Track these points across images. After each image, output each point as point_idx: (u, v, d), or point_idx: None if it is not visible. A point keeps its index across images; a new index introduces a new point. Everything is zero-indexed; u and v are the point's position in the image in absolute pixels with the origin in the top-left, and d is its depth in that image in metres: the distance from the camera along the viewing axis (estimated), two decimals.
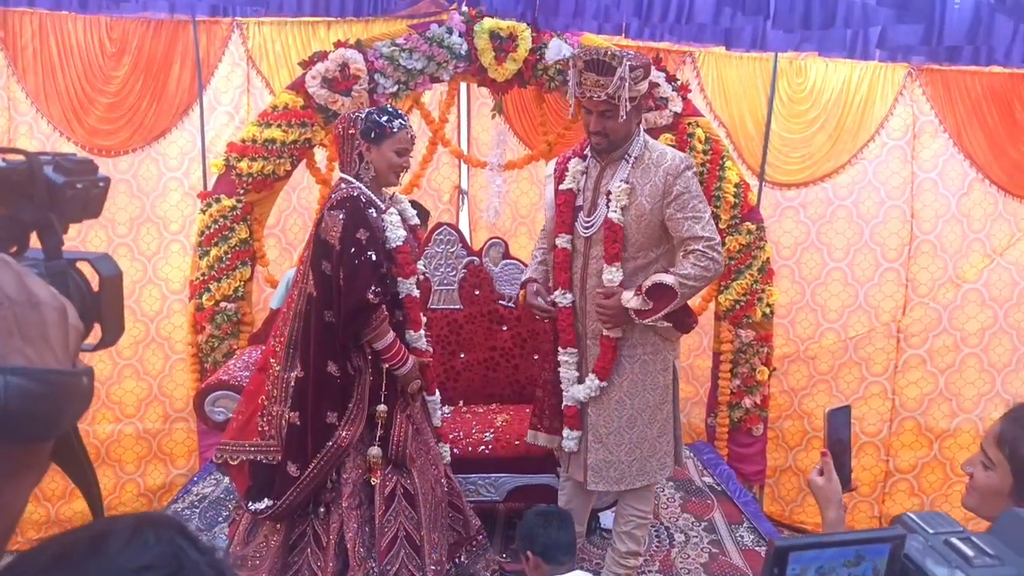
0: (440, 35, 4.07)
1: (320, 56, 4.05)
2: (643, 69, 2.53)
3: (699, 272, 2.55)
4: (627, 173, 2.63)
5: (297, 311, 2.68)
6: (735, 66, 4.84)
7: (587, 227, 2.70)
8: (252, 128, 4.08)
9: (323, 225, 2.59)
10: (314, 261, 2.60)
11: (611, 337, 2.67)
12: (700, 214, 2.58)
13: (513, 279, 3.79)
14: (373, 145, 2.62)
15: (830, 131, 4.94)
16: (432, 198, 5.24)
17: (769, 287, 4.40)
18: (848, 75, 4.87)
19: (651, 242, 2.64)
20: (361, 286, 2.52)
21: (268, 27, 4.69)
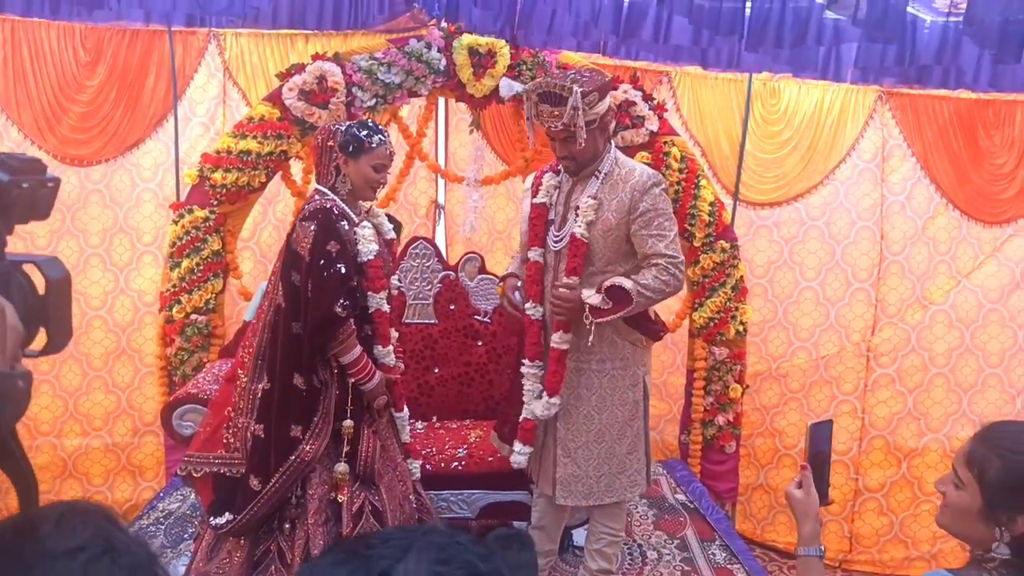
0: (419, 50, 4.05)
1: (298, 68, 4.01)
2: (597, 92, 2.54)
3: (658, 285, 2.55)
4: (596, 189, 2.64)
5: (266, 322, 2.63)
6: (711, 87, 4.86)
7: (557, 241, 2.71)
8: (227, 139, 4.02)
9: (294, 235, 2.56)
10: (284, 272, 2.56)
11: (558, 349, 2.66)
12: (665, 232, 2.58)
13: (489, 294, 3.76)
14: (351, 159, 2.60)
15: (803, 152, 4.98)
16: (409, 212, 5.20)
17: (743, 305, 4.38)
18: (820, 97, 4.92)
19: (619, 256, 2.64)
20: (329, 298, 2.48)
21: (246, 39, 4.64)
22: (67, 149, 4.62)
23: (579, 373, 2.71)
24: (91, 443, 4.80)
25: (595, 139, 2.60)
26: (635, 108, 4.21)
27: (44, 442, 4.74)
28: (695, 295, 4.33)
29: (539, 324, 2.75)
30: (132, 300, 4.78)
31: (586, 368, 2.69)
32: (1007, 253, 5.07)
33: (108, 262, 4.76)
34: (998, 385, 5.16)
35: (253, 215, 4.72)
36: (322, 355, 2.54)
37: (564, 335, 2.68)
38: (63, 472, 4.80)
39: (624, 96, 4.16)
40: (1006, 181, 5.00)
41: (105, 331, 4.76)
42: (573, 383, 2.72)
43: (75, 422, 4.80)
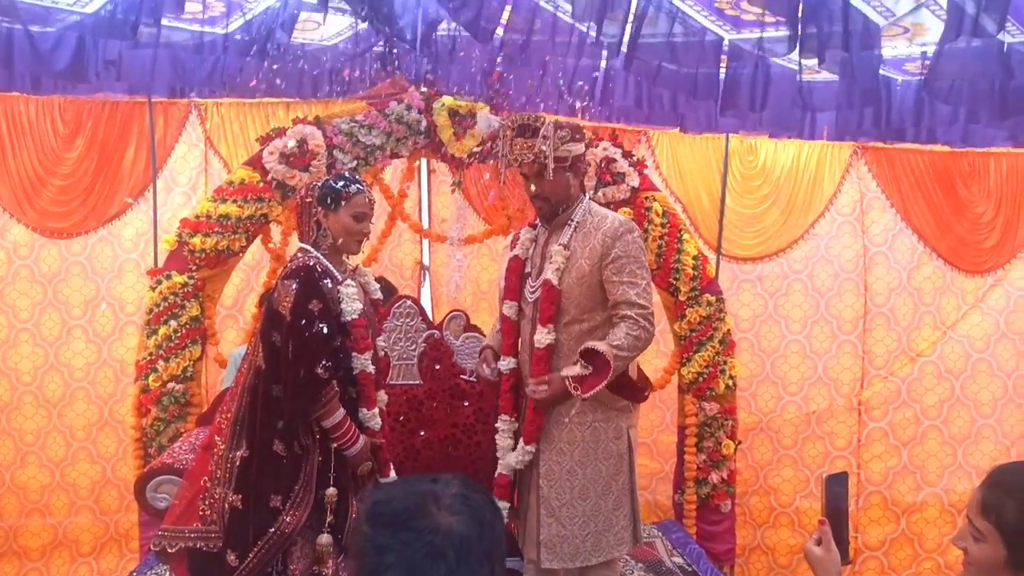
0: (399, 112, 4.03)
1: (278, 132, 3.98)
2: (571, 131, 2.56)
3: (631, 342, 2.51)
4: (568, 237, 2.62)
5: (246, 385, 2.51)
6: (688, 145, 4.86)
7: (533, 292, 2.68)
8: (206, 204, 3.95)
9: (275, 295, 2.47)
10: (264, 332, 2.46)
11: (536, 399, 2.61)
12: (637, 280, 2.55)
13: (475, 352, 3.64)
14: (330, 211, 2.54)
15: (782, 207, 4.96)
16: (394, 274, 5.12)
17: (731, 359, 4.27)
18: (797, 153, 4.93)
19: (595, 304, 2.60)
20: (311, 359, 2.38)
21: (227, 108, 4.61)
22: (47, 222, 4.54)
23: (559, 426, 2.61)
24: (78, 513, 4.70)
25: (566, 179, 2.61)
26: (615, 165, 4.18)
27: (33, 510, 4.64)
28: (683, 350, 4.22)
29: (509, 378, 2.70)
30: (115, 371, 4.69)
31: (567, 421, 2.61)
32: (989, 303, 5.03)
33: (91, 333, 4.68)
34: (992, 436, 5.04)
35: (236, 283, 4.64)
36: (304, 419, 2.42)
37: (540, 385, 2.60)
38: (53, 541, 4.68)
39: (604, 153, 4.14)
40: (987, 230, 4.99)
41: (88, 402, 4.68)
42: (554, 437, 2.62)
43: (62, 492, 4.69)
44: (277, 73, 3.94)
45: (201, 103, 4.59)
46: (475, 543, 1.06)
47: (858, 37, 2.74)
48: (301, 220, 2.59)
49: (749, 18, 2.95)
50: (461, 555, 1.05)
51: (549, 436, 2.63)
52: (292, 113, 4.47)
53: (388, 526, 1.07)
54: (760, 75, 3.29)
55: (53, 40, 3.39)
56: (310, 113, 4.32)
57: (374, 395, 2.58)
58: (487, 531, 1.09)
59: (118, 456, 4.68)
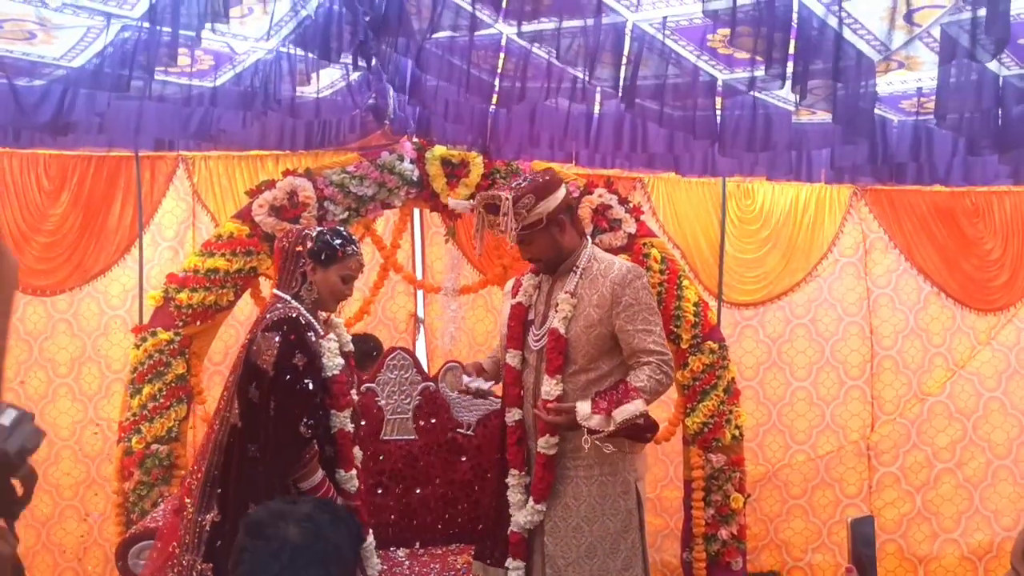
0: (391, 162, 3.99)
1: (268, 184, 3.93)
2: (532, 194, 2.57)
3: (654, 386, 2.51)
4: (574, 284, 2.61)
5: (217, 443, 2.40)
6: (684, 190, 4.81)
7: (538, 340, 2.65)
8: (194, 258, 3.89)
9: (255, 348, 2.38)
10: (241, 387, 2.38)
11: (545, 454, 2.57)
12: (651, 327, 2.54)
13: (472, 405, 3.58)
14: (320, 267, 2.50)
15: (783, 250, 4.89)
16: (388, 327, 5.04)
17: (736, 408, 4.14)
18: (795, 195, 4.87)
19: (602, 353, 2.57)
20: (293, 417, 2.31)
21: (215, 161, 4.56)
22: (32, 280, 4.45)
23: (565, 480, 2.56)
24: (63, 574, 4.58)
25: (550, 237, 2.61)
26: (611, 211, 4.13)
27: None
28: (686, 399, 4.10)
29: (519, 430, 2.64)
30: (101, 429, 4.58)
31: (572, 475, 2.57)
32: (1000, 339, 4.92)
33: (77, 392, 4.58)
34: (1009, 478, 4.88)
35: (225, 339, 4.53)
36: (282, 480, 2.32)
37: (551, 439, 2.55)
38: None
39: (600, 200, 4.10)
40: (996, 267, 4.90)
41: (74, 461, 4.57)
42: (559, 492, 2.56)
43: (47, 553, 4.56)
44: (267, 125, 3.88)
45: (189, 156, 4.56)
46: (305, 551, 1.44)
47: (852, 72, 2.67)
48: (285, 268, 2.54)
49: (743, 56, 2.89)
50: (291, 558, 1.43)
51: (554, 491, 2.57)
52: (281, 165, 4.44)
53: (249, 533, 1.48)
54: (759, 115, 3.23)
55: (39, 94, 3.34)
56: (300, 165, 4.31)
57: (352, 456, 2.51)
58: (320, 542, 1.47)
59: (106, 514, 4.57)
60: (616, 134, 3.68)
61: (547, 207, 2.58)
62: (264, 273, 3.93)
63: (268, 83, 3.17)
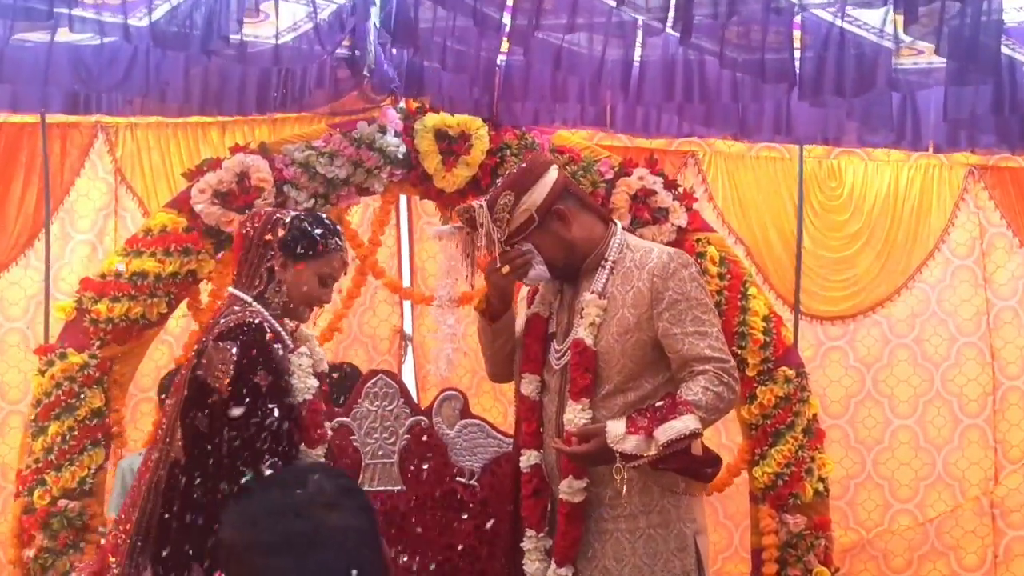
0: (370, 135, 3.99)
1: (212, 164, 3.94)
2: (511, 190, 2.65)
3: (712, 400, 2.48)
4: (603, 282, 2.65)
5: (153, 484, 2.39)
6: (750, 167, 4.86)
7: (560, 357, 2.69)
8: (115, 259, 3.89)
9: (204, 361, 2.40)
10: (184, 412, 2.38)
11: (569, 502, 2.57)
12: (705, 328, 2.55)
13: (476, 446, 3.60)
14: (293, 262, 2.54)
15: (877, 248, 4.94)
16: (365, 348, 5.09)
17: (820, 454, 4.11)
18: (893, 176, 4.92)
19: (643, 368, 2.59)
20: (253, 454, 2.33)
21: (143, 130, 4.61)
22: None
23: (602, 536, 2.58)
24: None
25: (552, 234, 2.65)
26: (655, 199, 4.13)
27: None
28: (753, 443, 4.07)
29: (537, 478, 2.67)
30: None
31: (611, 529, 2.57)
32: None
33: None
34: None
35: (155, 359, 4.56)
36: None
37: (575, 483, 2.56)
38: None
39: (640, 184, 4.10)
40: None
41: None
42: (595, 551, 2.58)
43: None
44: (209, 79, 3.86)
45: (110, 124, 4.59)
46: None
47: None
48: (246, 260, 2.56)
49: None
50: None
51: (589, 551, 2.57)
52: (229, 138, 4.49)
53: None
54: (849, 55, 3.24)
55: None
56: (253, 137, 4.36)
57: None
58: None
59: None
60: (664, 81, 3.70)
61: (534, 200, 2.61)
62: (207, 277, 3.95)
63: (212, 20, 3.17)
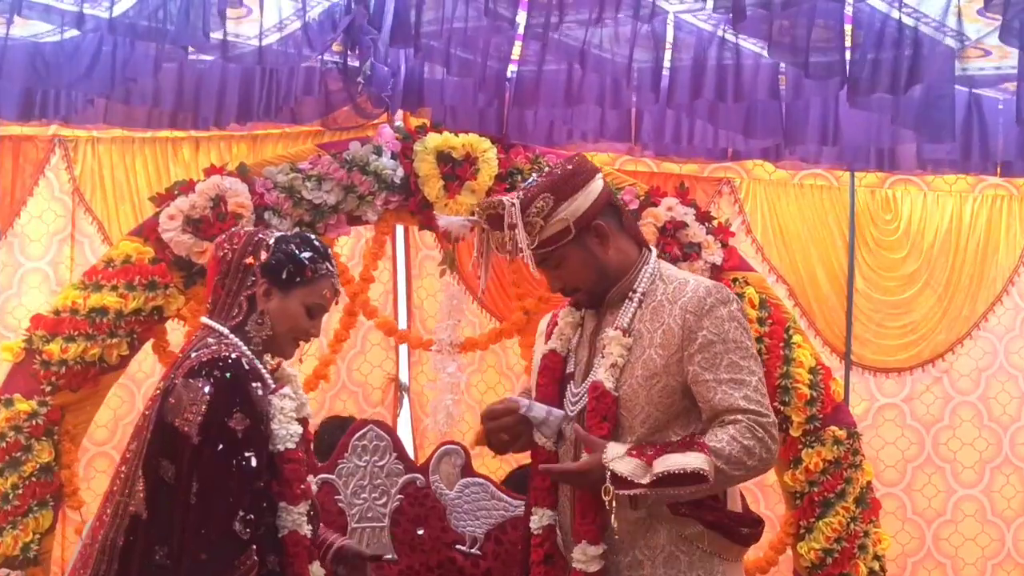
0: (363, 156, 4.03)
1: (183, 187, 3.96)
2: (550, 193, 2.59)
3: (739, 453, 2.42)
4: (630, 316, 2.61)
5: (108, 543, 2.38)
6: (794, 197, 4.88)
7: (576, 401, 2.65)
8: (72, 292, 3.90)
9: (171, 401, 2.39)
10: (148, 460, 2.38)
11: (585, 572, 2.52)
12: (742, 375, 2.51)
13: (479, 509, 3.59)
14: (278, 290, 2.54)
15: (938, 290, 4.94)
16: (355, 398, 5.07)
17: (875, 528, 4.12)
18: (956, 209, 4.93)
19: (673, 417, 2.55)
20: (226, 509, 2.32)
21: (106, 145, 4.64)
22: None
23: None
24: None
25: (586, 253, 2.62)
26: (686, 232, 4.17)
27: None
28: (798, 514, 4.09)
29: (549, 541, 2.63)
30: None
31: None
32: None
33: None
34: None
35: (113, 407, 4.54)
36: None
37: (591, 548, 2.51)
38: None
39: (669, 215, 4.15)
40: None
41: None
42: None
43: None
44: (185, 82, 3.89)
45: (69, 137, 4.61)
46: None
47: None
48: (224, 287, 2.55)
49: None
50: None
51: None
52: (204, 156, 4.50)
53: None
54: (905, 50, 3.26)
55: None
56: (230, 156, 4.39)
57: (307, 571, 2.50)
58: None
59: None
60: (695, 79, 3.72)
61: (575, 209, 2.57)
62: (175, 315, 3.96)
63: (189, 11, 3.19)
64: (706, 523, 2.52)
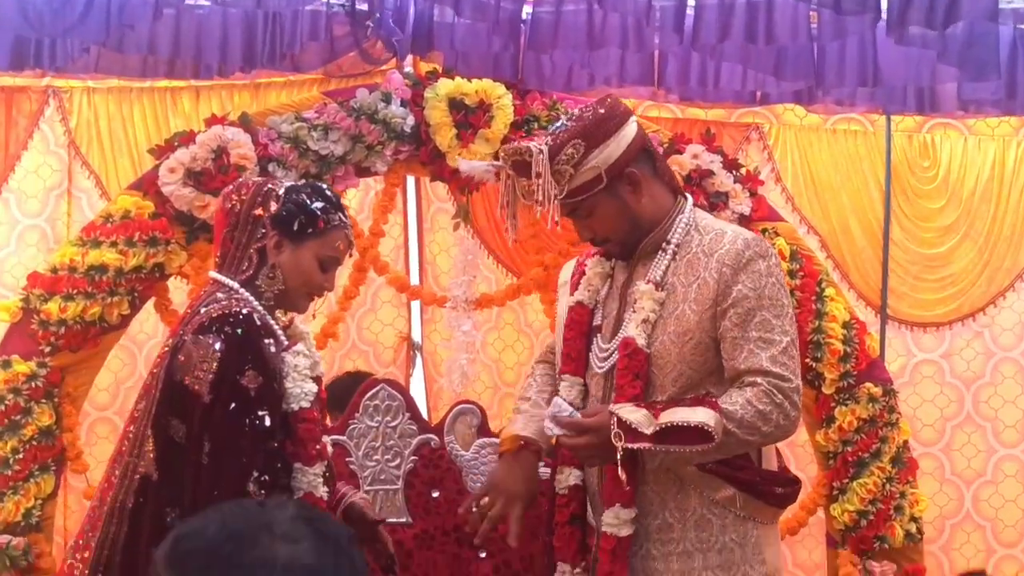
0: (372, 104, 4.01)
1: (184, 138, 3.97)
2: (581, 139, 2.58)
3: (752, 418, 2.44)
4: (663, 269, 2.62)
5: (117, 505, 2.41)
6: (826, 143, 4.85)
7: (605, 358, 2.67)
8: (69, 249, 3.92)
9: (180, 359, 2.42)
10: (157, 419, 2.41)
11: (615, 536, 2.53)
12: (773, 334, 2.51)
13: None
14: (290, 241, 2.56)
15: (978, 242, 4.92)
16: (365, 358, 5.10)
17: (912, 488, 4.12)
18: (999, 154, 4.89)
19: (707, 376, 2.57)
20: (238, 469, 2.37)
21: (102, 96, 4.64)
22: None
23: None
24: None
25: (619, 202, 2.61)
26: (712, 181, 4.16)
27: None
28: (831, 475, 4.10)
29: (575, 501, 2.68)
30: None
31: (660, 569, 2.56)
32: None
33: None
34: None
35: (114, 370, 4.58)
36: None
37: (624, 511, 2.52)
38: None
39: (694, 163, 4.13)
40: None
41: None
42: None
43: None
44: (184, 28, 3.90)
45: (63, 87, 4.61)
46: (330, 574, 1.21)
47: None
48: (233, 239, 2.57)
49: None
50: None
51: None
52: (204, 106, 4.50)
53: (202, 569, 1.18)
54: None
55: None
56: (232, 106, 4.38)
57: None
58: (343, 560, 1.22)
59: None
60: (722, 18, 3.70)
61: (607, 157, 2.56)
62: (177, 272, 3.99)
63: None
64: (738, 483, 2.53)
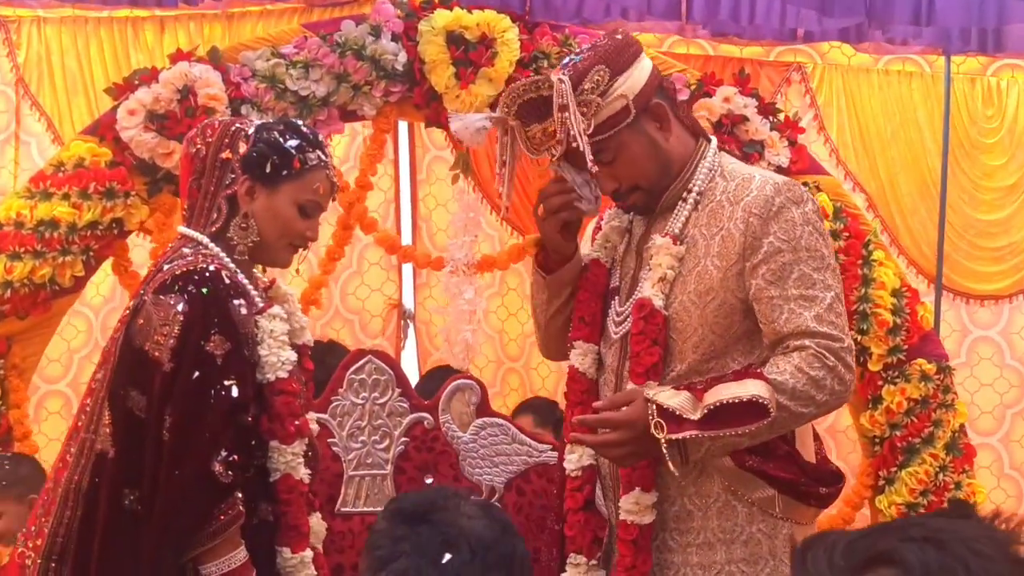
0: (359, 38, 4.03)
1: (145, 76, 3.99)
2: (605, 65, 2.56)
3: (805, 386, 2.41)
4: (682, 221, 2.62)
5: (72, 487, 2.44)
6: (877, 87, 4.84)
7: (621, 322, 2.69)
8: (16, 202, 3.95)
9: (140, 322, 2.43)
10: (114, 391, 2.43)
11: (636, 524, 2.55)
12: (815, 290, 2.51)
13: (497, 454, 3.61)
14: (263, 186, 2.56)
15: None
16: (350, 327, 5.14)
17: (969, 479, 4.15)
18: None
19: (732, 342, 2.57)
20: (203, 446, 2.38)
21: (55, 27, 4.66)
22: None
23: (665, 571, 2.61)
24: None
25: (645, 138, 2.59)
26: (746, 128, 4.17)
27: None
28: (878, 462, 4.14)
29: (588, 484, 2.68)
30: None
31: (678, 562, 2.59)
32: None
33: None
34: None
35: (67, 338, 4.62)
36: (178, 556, 2.37)
37: (644, 496, 2.54)
38: None
39: (726, 107, 4.14)
40: None
41: None
42: None
43: None
44: None
45: (10, 17, 4.62)
46: (493, 545, 1.73)
47: None
48: (199, 187, 2.57)
49: None
50: (476, 552, 1.70)
51: None
52: (170, 40, 4.49)
53: (406, 520, 1.76)
54: None
55: None
56: (201, 39, 4.38)
57: (306, 523, 2.57)
58: (507, 538, 1.77)
59: None
60: None
61: (632, 84, 2.55)
62: (137, 228, 4.01)
63: None
64: (780, 484, 2.53)
